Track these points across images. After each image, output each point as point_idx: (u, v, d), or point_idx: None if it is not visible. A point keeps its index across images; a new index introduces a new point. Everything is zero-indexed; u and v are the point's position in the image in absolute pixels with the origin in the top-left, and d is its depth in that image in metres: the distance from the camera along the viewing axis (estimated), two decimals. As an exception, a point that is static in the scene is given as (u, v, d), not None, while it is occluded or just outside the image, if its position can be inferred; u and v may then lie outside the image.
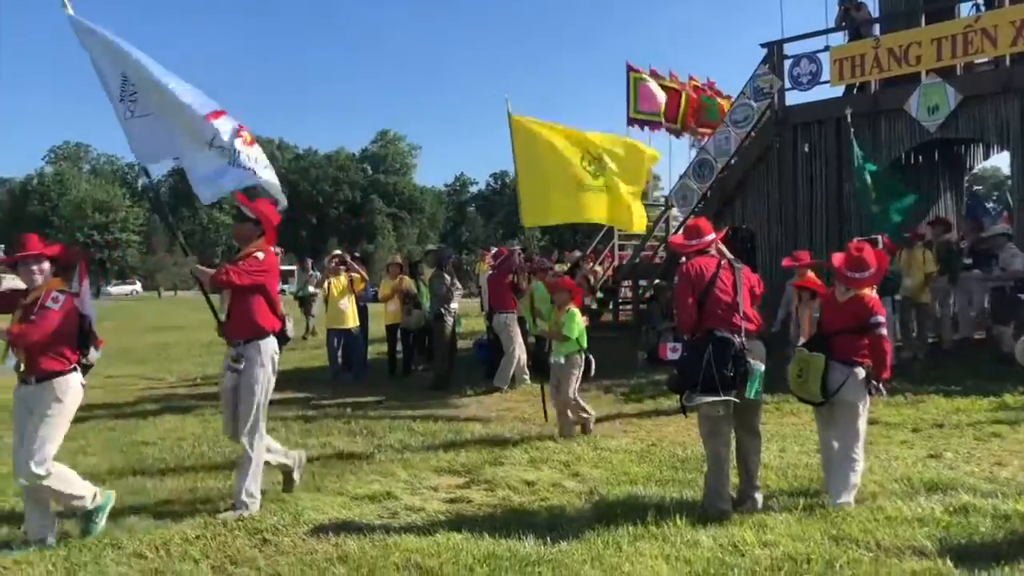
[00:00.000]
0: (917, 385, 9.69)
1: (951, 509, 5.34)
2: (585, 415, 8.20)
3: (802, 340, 8.46)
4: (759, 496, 5.63)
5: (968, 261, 12.03)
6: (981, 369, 10.41)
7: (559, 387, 8.17)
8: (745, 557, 4.64)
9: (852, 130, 12.16)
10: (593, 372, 8.37)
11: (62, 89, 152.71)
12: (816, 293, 8.42)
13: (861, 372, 5.49)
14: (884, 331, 5.51)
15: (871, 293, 5.71)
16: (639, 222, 9.92)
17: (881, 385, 5.59)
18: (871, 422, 7.91)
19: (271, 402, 10.53)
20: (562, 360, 8.14)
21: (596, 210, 9.43)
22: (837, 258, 5.78)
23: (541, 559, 4.70)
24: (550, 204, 9.33)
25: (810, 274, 8.98)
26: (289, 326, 6.34)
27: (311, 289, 19.83)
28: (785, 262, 9.71)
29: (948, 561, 4.43)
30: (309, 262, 22.80)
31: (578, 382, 8.16)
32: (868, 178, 11.70)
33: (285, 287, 24.88)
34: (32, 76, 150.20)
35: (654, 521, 5.24)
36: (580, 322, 8.19)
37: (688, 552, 4.74)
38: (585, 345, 8.26)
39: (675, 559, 4.65)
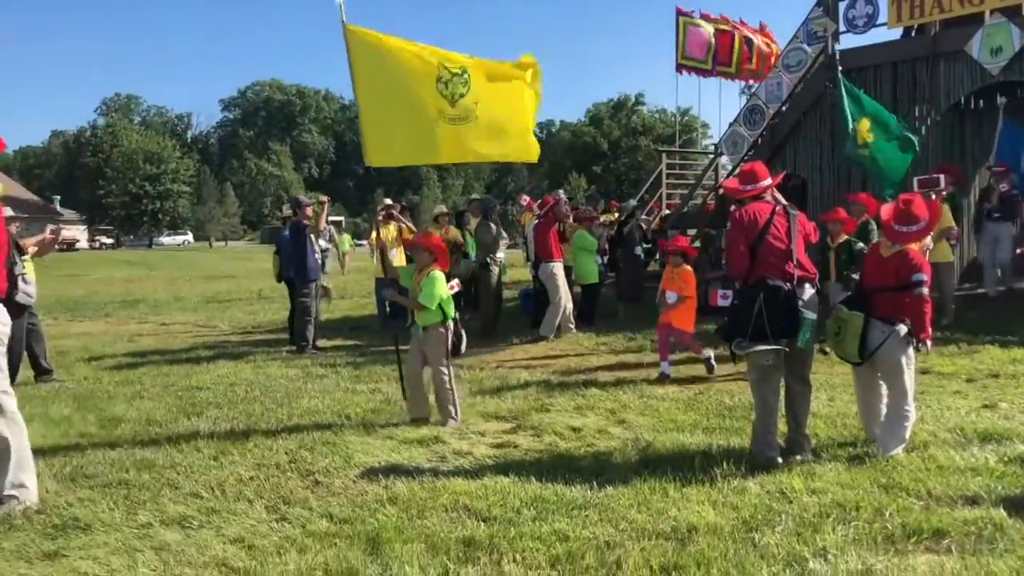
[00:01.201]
0: (972, 335, 9.50)
1: (1006, 459, 5.25)
2: (451, 407, 6.81)
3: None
4: (808, 445, 5.60)
5: (997, 214, 11.69)
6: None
7: (424, 363, 6.91)
8: (793, 504, 4.63)
9: (840, 68, 11.72)
10: (464, 348, 7.01)
11: (112, 41, 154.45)
12: None
13: (903, 329, 5.31)
14: (925, 290, 5.32)
15: (917, 249, 5.54)
16: (521, 149, 7.89)
17: (921, 345, 5.41)
18: (923, 372, 7.83)
19: (322, 348, 10.81)
20: (421, 334, 6.87)
21: (460, 147, 7.55)
22: (886, 211, 5.56)
23: (588, 503, 4.74)
24: (400, 139, 7.44)
25: None
26: (26, 290, 5.31)
27: (323, 244, 18.22)
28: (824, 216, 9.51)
29: (1002, 510, 4.36)
30: None
31: (447, 360, 6.84)
32: (851, 121, 11.18)
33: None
34: (83, 27, 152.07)
35: (701, 468, 5.24)
36: (443, 288, 6.79)
37: (735, 498, 4.74)
38: (452, 315, 6.92)
39: (722, 505, 4.65)
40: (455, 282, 7.05)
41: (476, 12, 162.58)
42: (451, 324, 6.93)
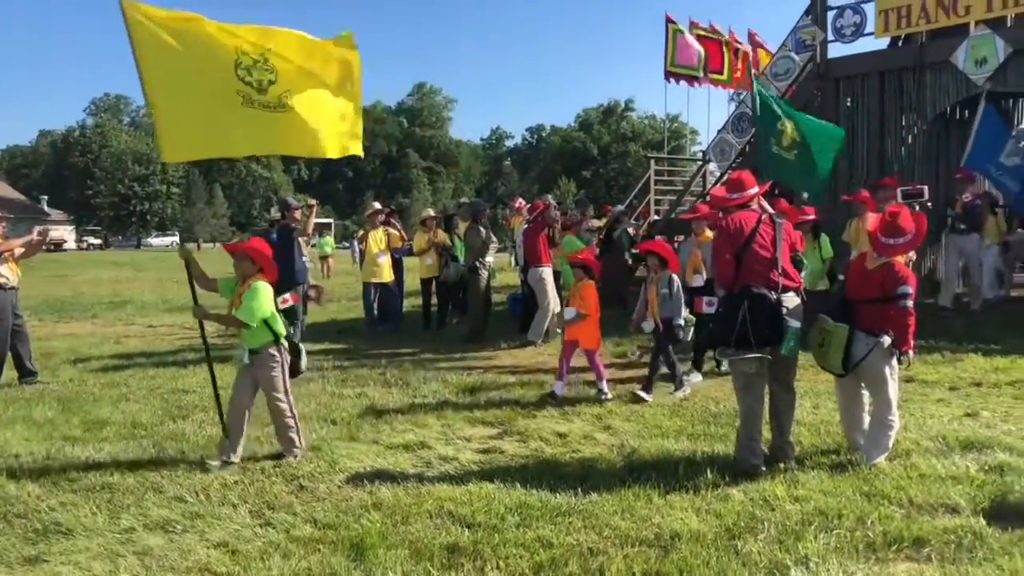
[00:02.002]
0: (956, 343, 9.56)
1: (986, 467, 5.30)
2: (293, 435, 5.97)
3: (647, 321, 7.72)
4: (792, 452, 5.63)
5: (962, 225, 11.57)
6: (1022, 328, 10.24)
7: (254, 392, 6.03)
8: (776, 511, 4.66)
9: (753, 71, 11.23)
10: (304, 367, 6.31)
11: (102, 40, 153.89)
12: (666, 262, 7.72)
13: (887, 340, 5.29)
14: (910, 303, 5.28)
15: (903, 261, 5.51)
16: (342, 144, 6.84)
17: (903, 356, 5.37)
18: (907, 380, 7.88)
19: (307, 353, 10.75)
20: (246, 359, 5.96)
21: (273, 136, 6.56)
22: (872, 222, 5.57)
23: (572, 509, 4.76)
24: (198, 129, 6.34)
25: (659, 240, 8.33)
26: None
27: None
28: (685, 214, 9.23)
29: (981, 519, 4.41)
30: None
31: (284, 383, 6.00)
32: (777, 120, 10.39)
33: (314, 242, 24.77)
34: (72, 27, 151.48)
35: (685, 474, 5.27)
36: (268, 301, 5.85)
37: (719, 505, 4.76)
38: (282, 332, 5.98)
39: (705, 512, 4.68)
40: (288, 295, 6.31)
41: (464, 15, 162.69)
42: (284, 343, 6.00)
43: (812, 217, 9.30)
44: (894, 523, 4.41)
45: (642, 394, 7.67)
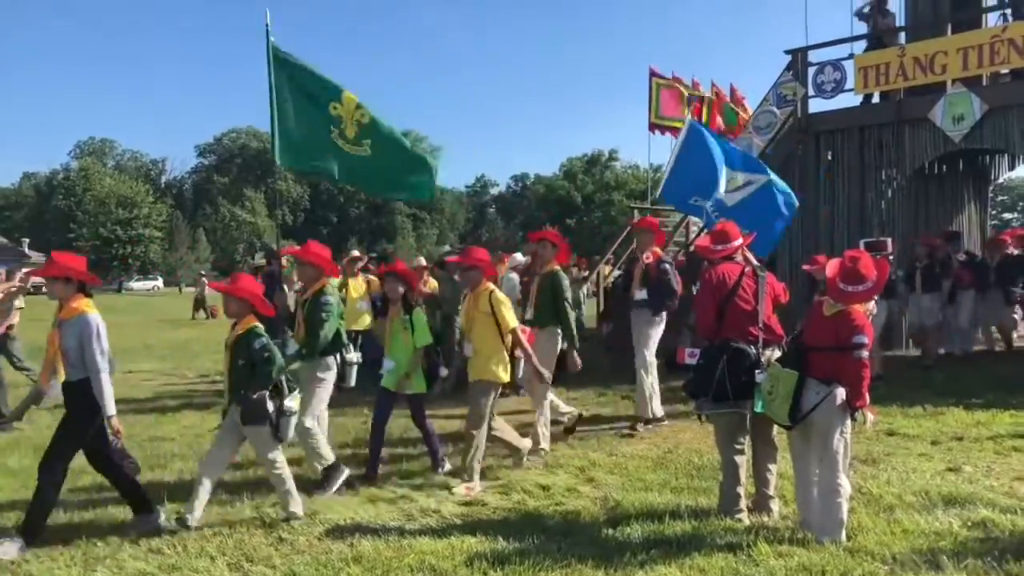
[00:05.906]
0: (937, 397, 9.60)
1: (969, 524, 5.30)
2: None
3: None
4: (775, 506, 5.61)
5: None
6: (1003, 383, 10.31)
7: None
8: (759, 567, 4.63)
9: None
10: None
11: (88, 83, 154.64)
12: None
13: (841, 393, 4.93)
14: (865, 354, 4.89)
15: (861, 310, 5.14)
16: None
17: (857, 413, 4.96)
18: (889, 433, 7.91)
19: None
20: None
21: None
22: (832, 267, 5.18)
23: (555, 564, 4.71)
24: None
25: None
26: None
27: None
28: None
29: (964, 575, 4.40)
30: None
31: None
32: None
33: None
34: (59, 70, 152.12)
35: (668, 529, 5.24)
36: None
37: (702, 560, 4.73)
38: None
39: (689, 567, 4.64)
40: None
41: (451, 65, 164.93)
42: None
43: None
44: (878, 580, 4.40)
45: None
